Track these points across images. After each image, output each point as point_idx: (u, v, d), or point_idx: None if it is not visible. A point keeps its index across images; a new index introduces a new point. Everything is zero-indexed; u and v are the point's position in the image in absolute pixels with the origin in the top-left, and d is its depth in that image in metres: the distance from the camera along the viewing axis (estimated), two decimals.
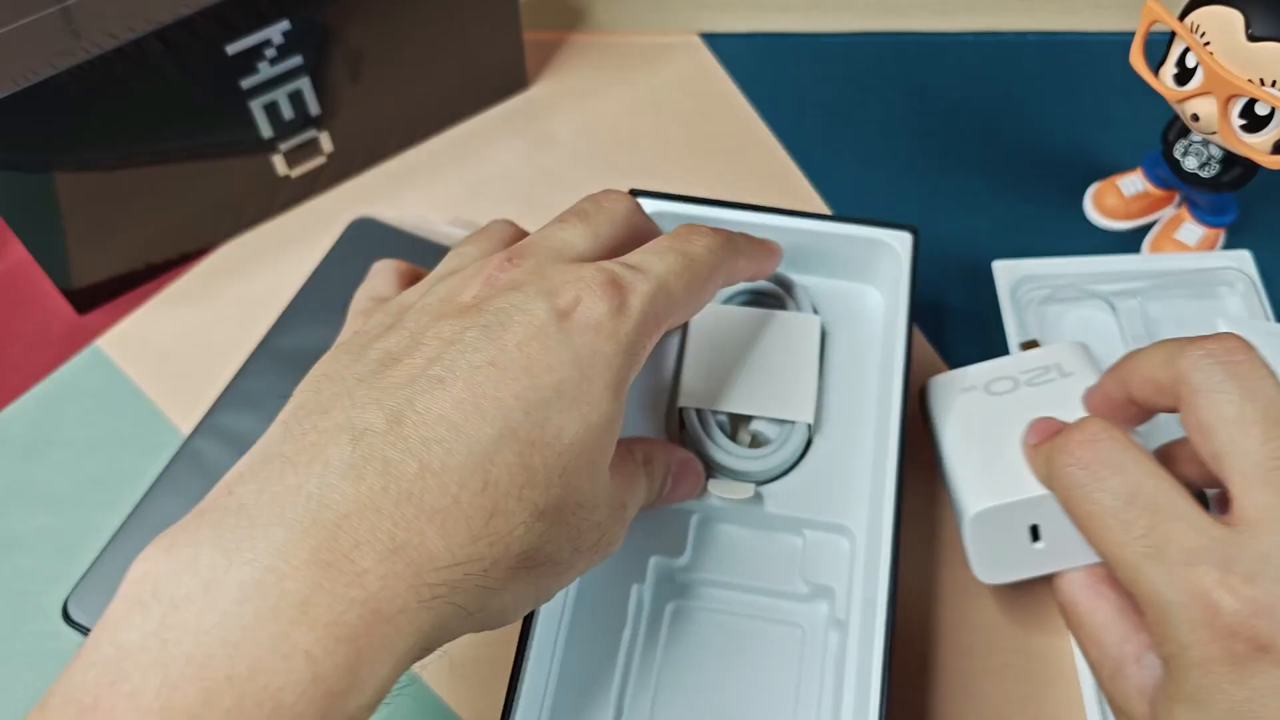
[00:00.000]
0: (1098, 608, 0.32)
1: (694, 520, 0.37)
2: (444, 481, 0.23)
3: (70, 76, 0.39)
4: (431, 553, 0.23)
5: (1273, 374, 0.27)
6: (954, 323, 0.45)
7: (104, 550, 0.39)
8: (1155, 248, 0.46)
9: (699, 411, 0.37)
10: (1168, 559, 0.26)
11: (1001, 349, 0.42)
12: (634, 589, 0.35)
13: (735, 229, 0.38)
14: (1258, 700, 0.24)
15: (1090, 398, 0.33)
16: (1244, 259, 0.43)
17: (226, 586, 0.22)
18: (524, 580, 0.26)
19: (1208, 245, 0.45)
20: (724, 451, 0.36)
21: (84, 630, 0.38)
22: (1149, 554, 0.26)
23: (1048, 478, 0.30)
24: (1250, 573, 0.25)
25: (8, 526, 0.41)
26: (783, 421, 0.37)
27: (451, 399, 0.25)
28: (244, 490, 0.23)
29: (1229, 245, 0.46)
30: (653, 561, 0.36)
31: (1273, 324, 0.41)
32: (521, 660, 0.32)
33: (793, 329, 0.38)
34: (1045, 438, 0.32)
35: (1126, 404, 0.31)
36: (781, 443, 0.36)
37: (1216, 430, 0.27)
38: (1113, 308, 0.43)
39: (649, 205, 0.40)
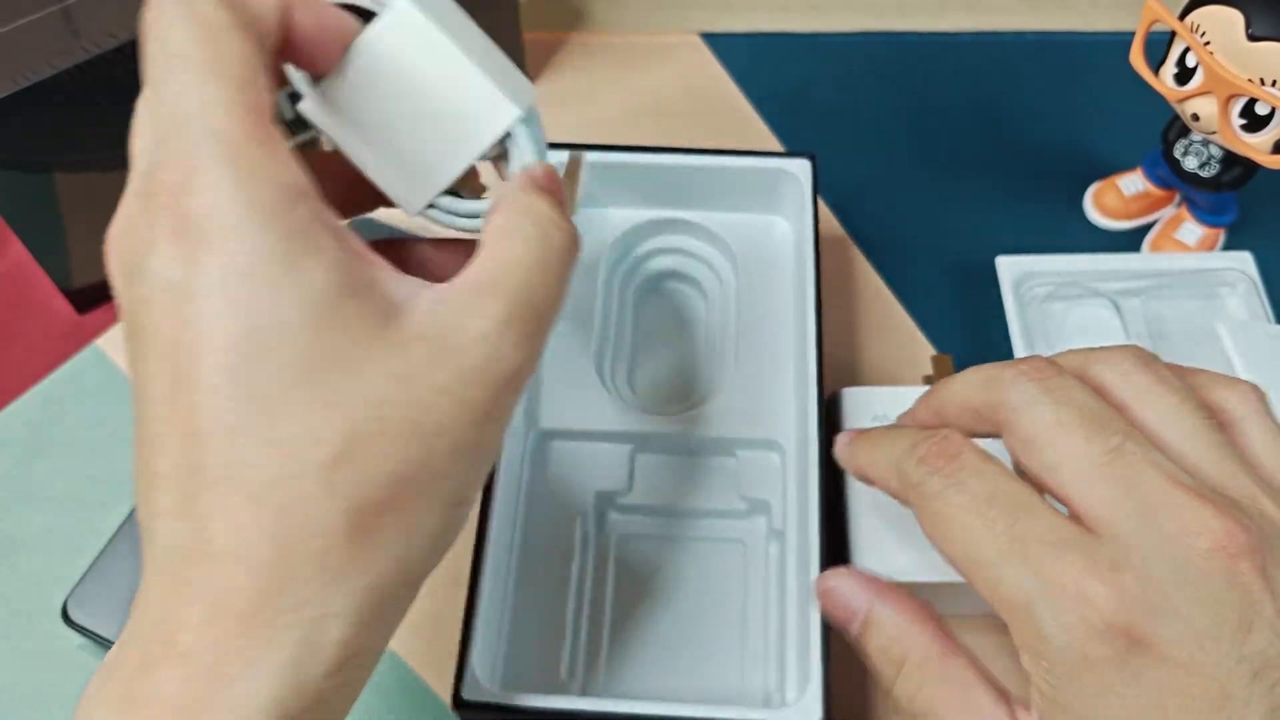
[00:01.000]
0: (951, 696, 0.28)
1: (630, 451, 0.38)
2: None
3: (70, 76, 0.39)
4: None
5: (1084, 387, 0.26)
6: (954, 322, 0.45)
7: (104, 551, 0.39)
8: (1155, 247, 0.46)
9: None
10: (1029, 553, 0.24)
11: (1004, 347, 0.42)
12: (578, 523, 0.37)
13: (635, 170, 0.42)
14: (1152, 703, 0.22)
15: (904, 425, 0.31)
16: (1245, 260, 0.43)
17: None
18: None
19: (1208, 245, 0.45)
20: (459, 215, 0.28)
21: (83, 631, 0.38)
22: (1011, 549, 0.25)
23: (901, 487, 0.28)
24: (1115, 562, 0.23)
25: (7, 527, 0.41)
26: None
27: None
28: None
29: (1229, 245, 0.46)
30: (594, 495, 0.37)
31: (1273, 325, 0.41)
32: (473, 604, 0.32)
33: (403, 42, 0.25)
34: (859, 437, 0.31)
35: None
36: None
37: (1041, 441, 0.26)
38: (1116, 306, 0.43)
39: (558, 156, 0.41)
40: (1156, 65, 0.40)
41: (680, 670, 0.35)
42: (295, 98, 0.27)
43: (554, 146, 0.42)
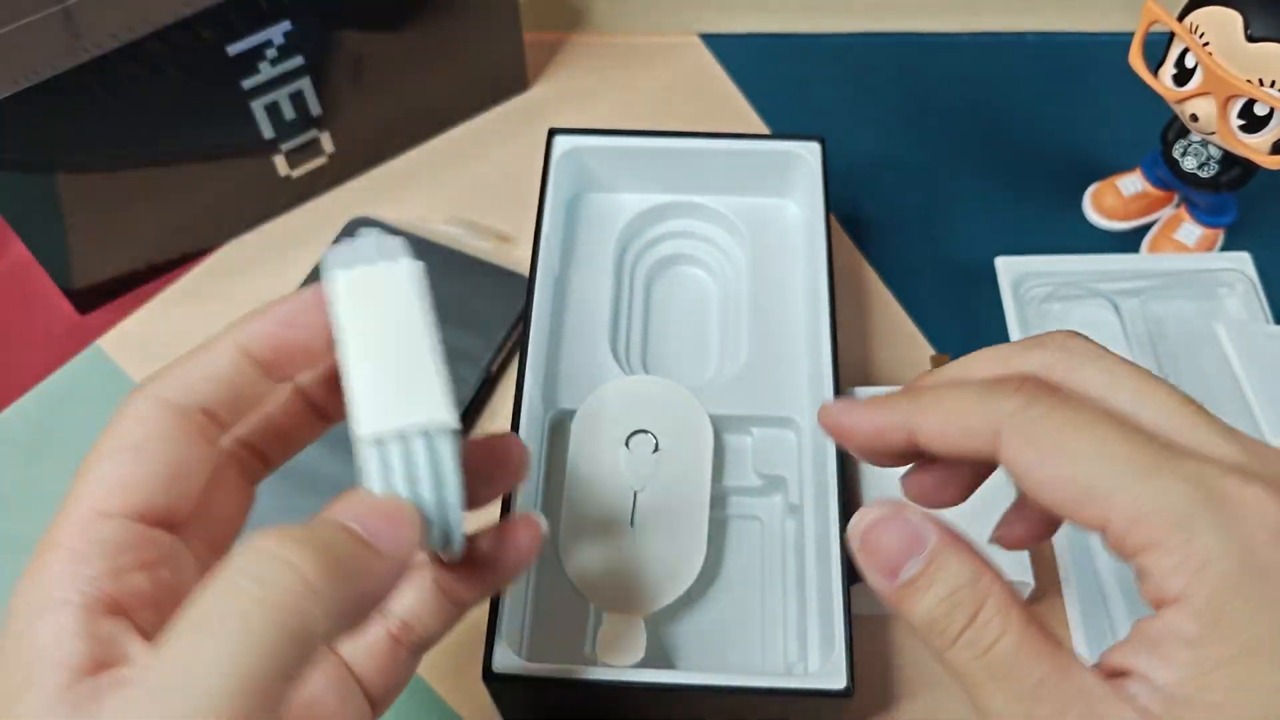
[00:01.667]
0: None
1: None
2: None
3: (71, 77, 0.39)
4: None
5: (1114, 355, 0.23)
6: (953, 322, 0.45)
7: None
8: (1154, 248, 0.46)
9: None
10: (1184, 465, 0.21)
11: None
12: None
13: (645, 155, 0.42)
14: None
15: (849, 427, 0.26)
16: (1244, 261, 0.43)
17: None
18: None
19: (1207, 246, 0.45)
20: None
21: None
22: (1159, 460, 0.21)
23: (990, 417, 0.23)
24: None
25: (8, 527, 0.41)
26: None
27: None
28: None
29: (1228, 246, 0.46)
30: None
31: (1272, 326, 0.41)
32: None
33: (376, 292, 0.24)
34: (913, 394, 0.25)
35: (903, 448, 0.25)
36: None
37: (1078, 452, 0.22)
38: (1115, 307, 0.43)
39: (569, 141, 0.42)
40: (1156, 66, 0.40)
41: (701, 644, 0.35)
42: None
43: (567, 133, 0.43)
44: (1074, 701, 0.21)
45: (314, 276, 0.45)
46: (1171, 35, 0.39)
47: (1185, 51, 0.38)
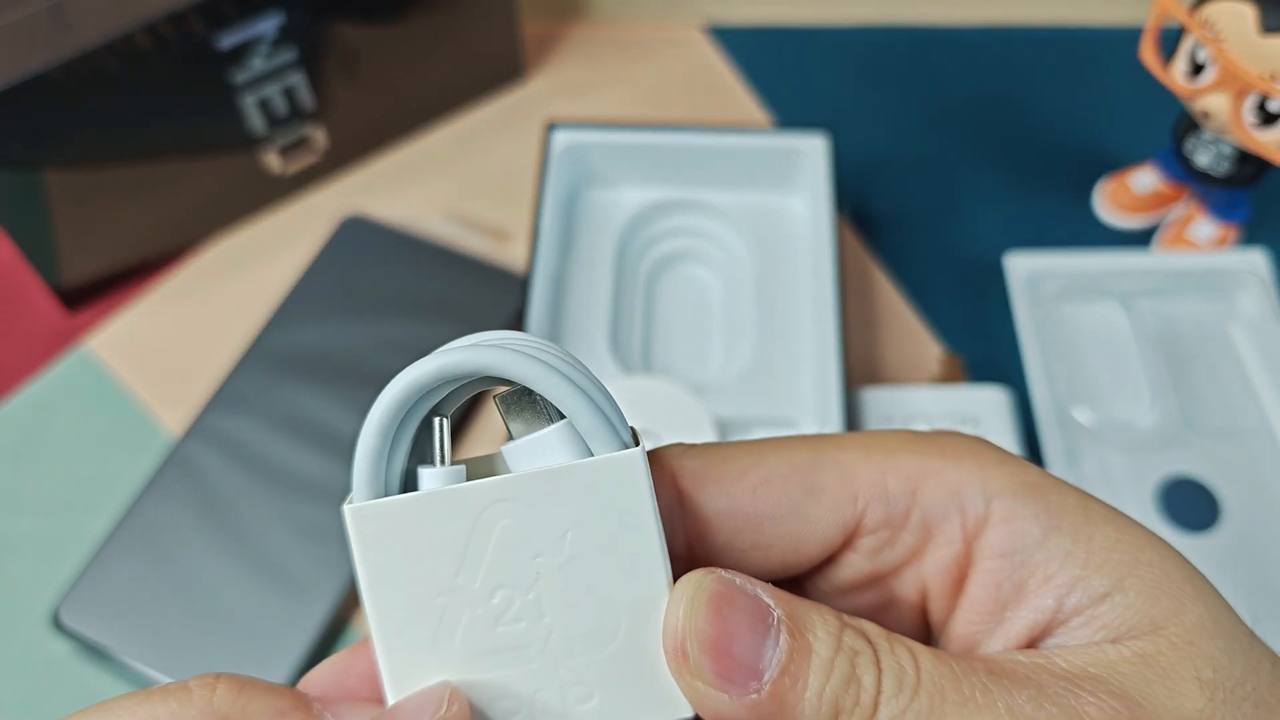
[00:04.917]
0: None
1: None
2: None
3: (60, 72, 0.38)
4: None
5: None
6: (963, 321, 0.44)
7: (95, 556, 0.38)
8: (1166, 245, 0.45)
9: None
10: None
11: (1011, 347, 0.42)
12: None
13: (646, 150, 0.42)
14: None
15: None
16: (1257, 259, 0.42)
17: None
18: None
19: (1220, 243, 0.44)
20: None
21: (75, 637, 0.37)
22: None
23: None
24: None
25: None
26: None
27: None
28: None
29: (1242, 243, 0.45)
30: None
31: None
32: None
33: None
34: None
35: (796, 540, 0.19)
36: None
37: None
38: (1126, 307, 0.42)
39: (569, 136, 0.42)
40: (1167, 59, 0.39)
41: None
42: None
43: (566, 126, 0.42)
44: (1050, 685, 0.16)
45: (308, 275, 0.45)
46: (1183, 28, 0.38)
47: (1198, 45, 0.37)
